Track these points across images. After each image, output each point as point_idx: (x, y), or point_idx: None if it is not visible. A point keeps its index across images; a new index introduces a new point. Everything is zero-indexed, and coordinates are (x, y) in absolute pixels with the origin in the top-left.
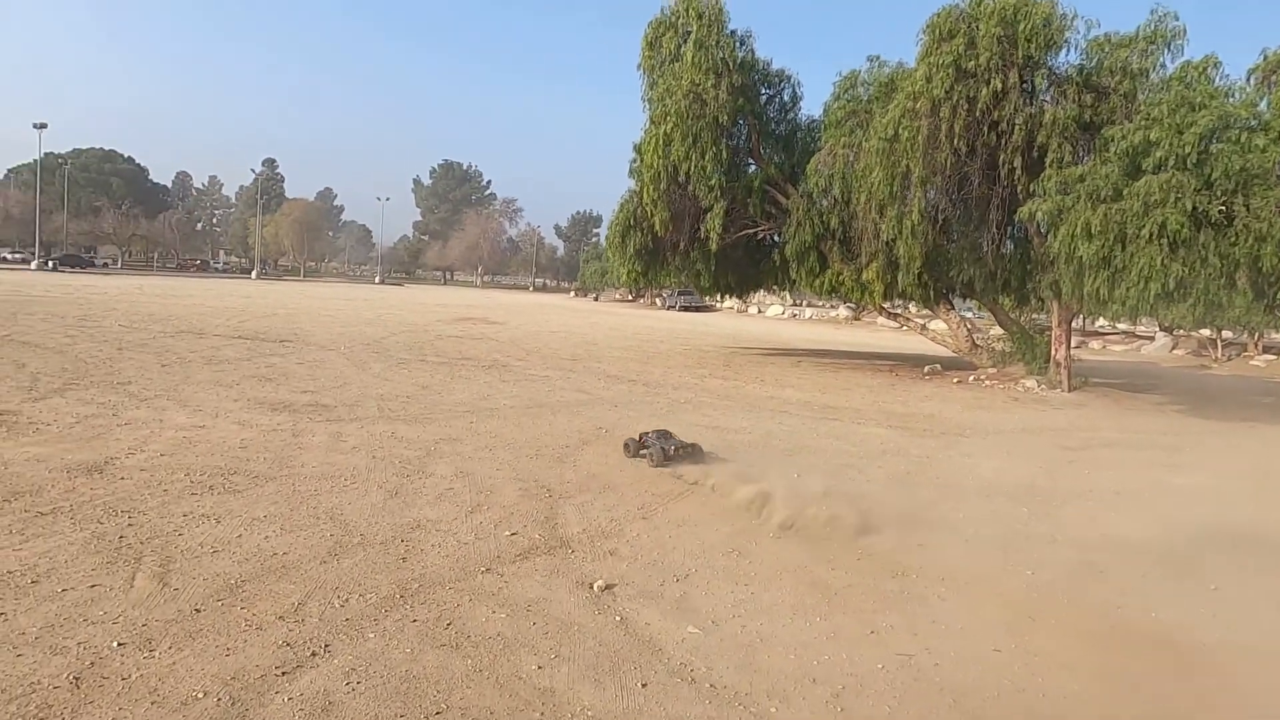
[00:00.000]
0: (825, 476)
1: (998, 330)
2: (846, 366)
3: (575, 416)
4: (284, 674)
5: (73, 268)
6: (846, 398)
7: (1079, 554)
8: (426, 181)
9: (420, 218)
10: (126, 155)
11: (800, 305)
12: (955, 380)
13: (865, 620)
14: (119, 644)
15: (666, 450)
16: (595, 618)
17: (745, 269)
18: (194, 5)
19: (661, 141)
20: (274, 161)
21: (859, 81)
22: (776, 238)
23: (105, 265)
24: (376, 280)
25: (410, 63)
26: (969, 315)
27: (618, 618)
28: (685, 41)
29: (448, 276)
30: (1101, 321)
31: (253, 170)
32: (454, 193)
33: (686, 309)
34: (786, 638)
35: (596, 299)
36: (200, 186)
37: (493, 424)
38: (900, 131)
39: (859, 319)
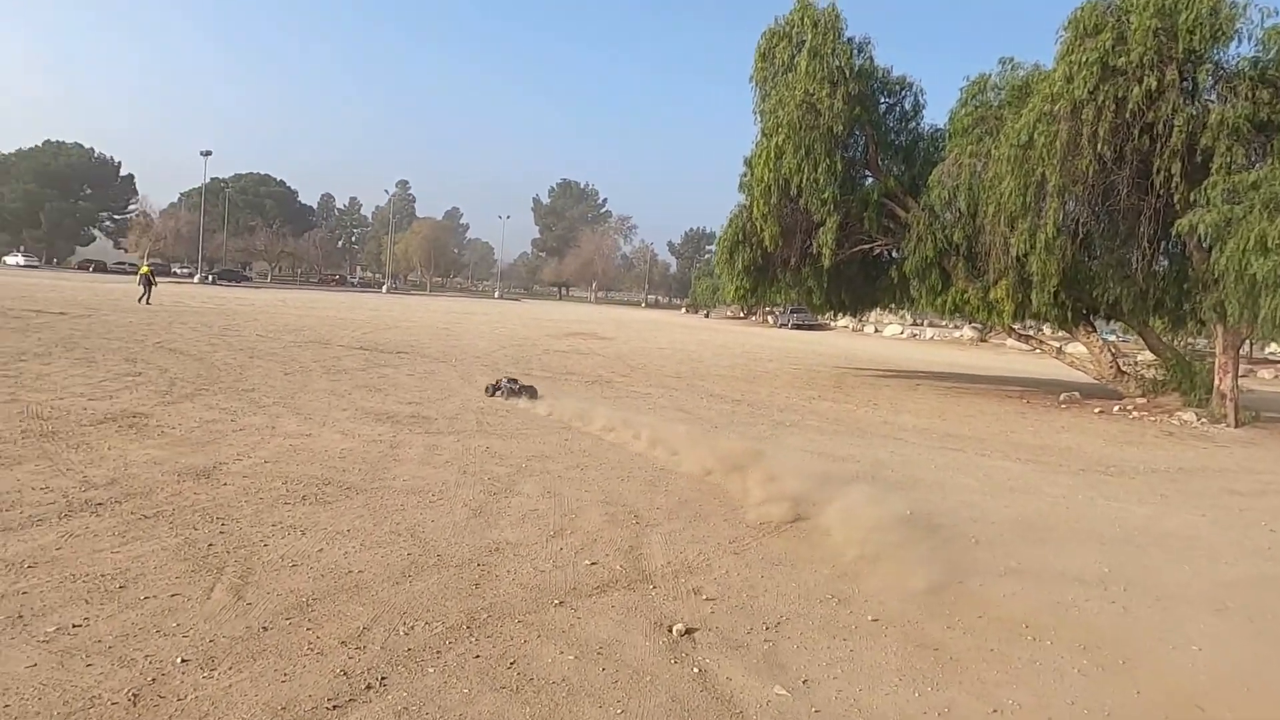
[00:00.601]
0: (938, 513)
1: (1147, 355)
2: (970, 391)
3: (661, 440)
4: (335, 707)
5: (229, 281)
6: (970, 425)
7: (1258, 626)
8: (545, 200)
9: (539, 235)
10: (279, 179)
11: (920, 325)
12: (1097, 410)
13: (986, 695)
14: (183, 660)
15: (513, 388)
16: (671, 668)
17: (860, 286)
18: (347, 50)
19: (772, 154)
20: (406, 183)
21: (989, 86)
22: (894, 253)
23: (249, 279)
24: (496, 295)
25: (533, 91)
26: (1112, 338)
27: (696, 669)
28: (799, 51)
29: (563, 292)
30: (1274, 347)
31: (386, 191)
32: (571, 211)
33: (799, 327)
34: (889, 710)
35: (707, 316)
36: (341, 207)
37: (587, 442)
38: (1035, 137)
39: (985, 341)
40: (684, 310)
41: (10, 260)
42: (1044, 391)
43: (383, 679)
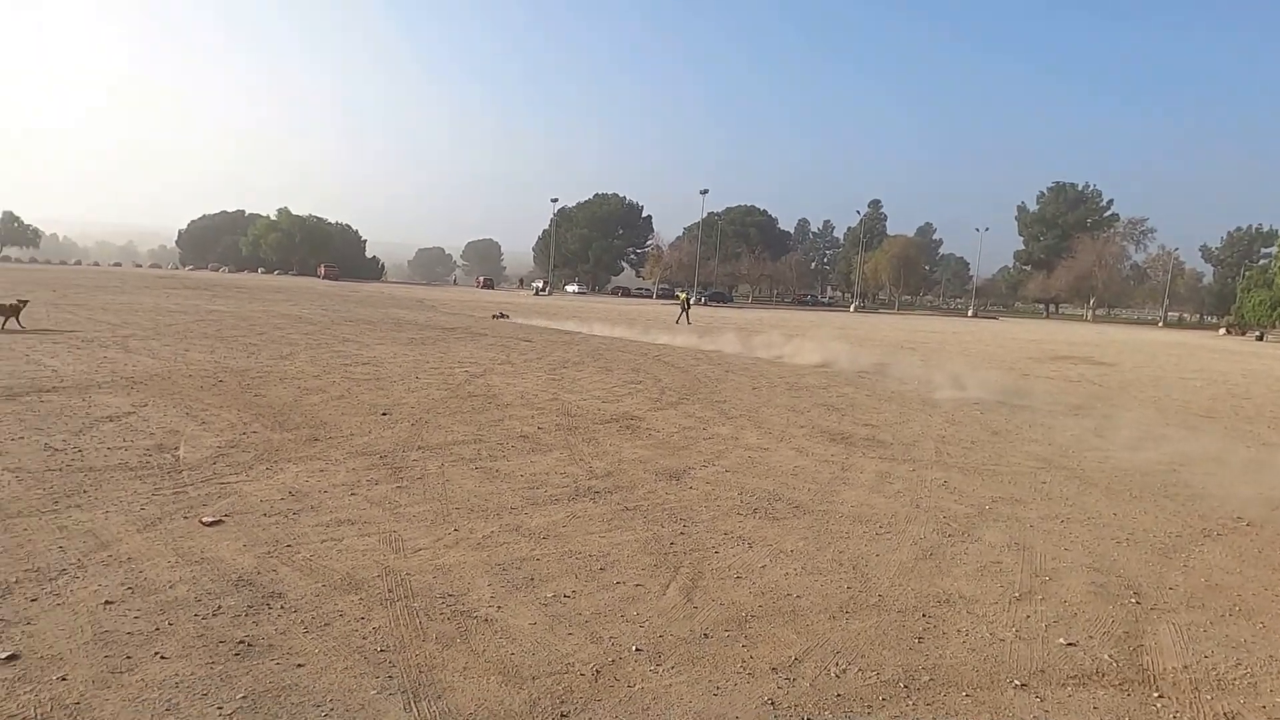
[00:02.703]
0: None
1: None
2: None
3: (1196, 495)
4: None
5: (717, 302)
6: None
7: None
8: (1032, 207)
9: (1023, 246)
10: (762, 209)
11: None
12: None
13: None
14: (637, 649)
15: (499, 316)
16: None
17: None
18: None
19: None
20: (879, 202)
21: None
22: None
23: (731, 300)
24: (969, 314)
25: (1012, 88)
26: None
27: None
28: None
29: (1050, 309)
30: None
31: (858, 212)
32: (1064, 217)
33: None
34: None
35: (1260, 338)
36: (816, 230)
37: (1071, 489)
38: None
39: None
40: (1223, 331)
41: (569, 289)
42: None
43: None
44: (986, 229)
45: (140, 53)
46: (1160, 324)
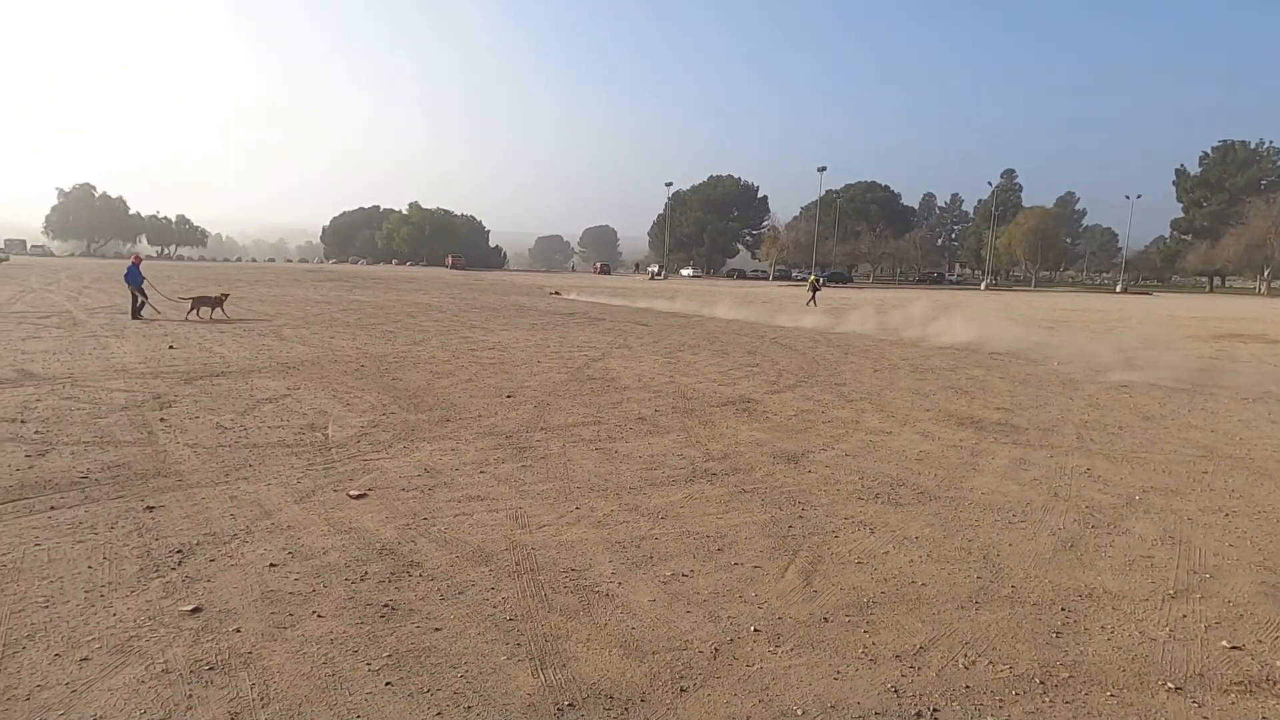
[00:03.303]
0: None
1: None
2: None
3: None
4: None
5: (835, 283)
6: None
7: None
8: (1194, 170)
9: (1182, 214)
10: (883, 184)
11: None
12: None
13: None
14: (755, 629)
15: (554, 294)
16: None
17: None
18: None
19: None
20: (1013, 173)
21: None
22: None
23: (851, 280)
24: (1118, 289)
25: (1176, 32)
26: None
27: None
28: None
29: (1214, 283)
30: None
31: (989, 184)
32: (1232, 180)
33: None
34: None
35: None
36: (942, 205)
37: (1238, 480)
38: None
39: None
40: None
41: (684, 272)
42: None
43: (934, 711)
44: (1139, 197)
45: (266, 71)
46: None
